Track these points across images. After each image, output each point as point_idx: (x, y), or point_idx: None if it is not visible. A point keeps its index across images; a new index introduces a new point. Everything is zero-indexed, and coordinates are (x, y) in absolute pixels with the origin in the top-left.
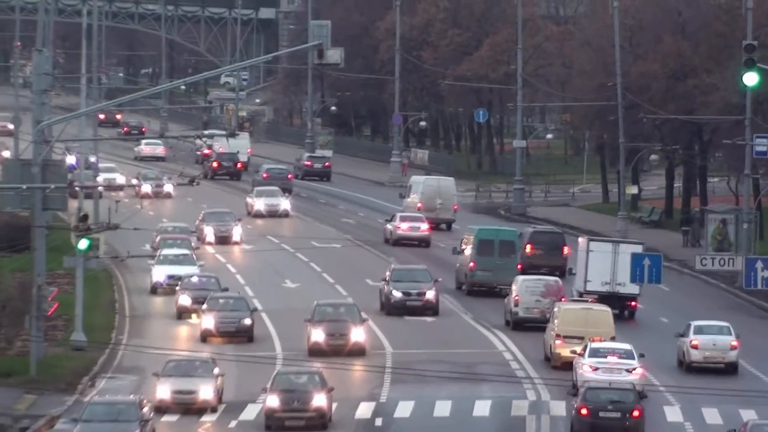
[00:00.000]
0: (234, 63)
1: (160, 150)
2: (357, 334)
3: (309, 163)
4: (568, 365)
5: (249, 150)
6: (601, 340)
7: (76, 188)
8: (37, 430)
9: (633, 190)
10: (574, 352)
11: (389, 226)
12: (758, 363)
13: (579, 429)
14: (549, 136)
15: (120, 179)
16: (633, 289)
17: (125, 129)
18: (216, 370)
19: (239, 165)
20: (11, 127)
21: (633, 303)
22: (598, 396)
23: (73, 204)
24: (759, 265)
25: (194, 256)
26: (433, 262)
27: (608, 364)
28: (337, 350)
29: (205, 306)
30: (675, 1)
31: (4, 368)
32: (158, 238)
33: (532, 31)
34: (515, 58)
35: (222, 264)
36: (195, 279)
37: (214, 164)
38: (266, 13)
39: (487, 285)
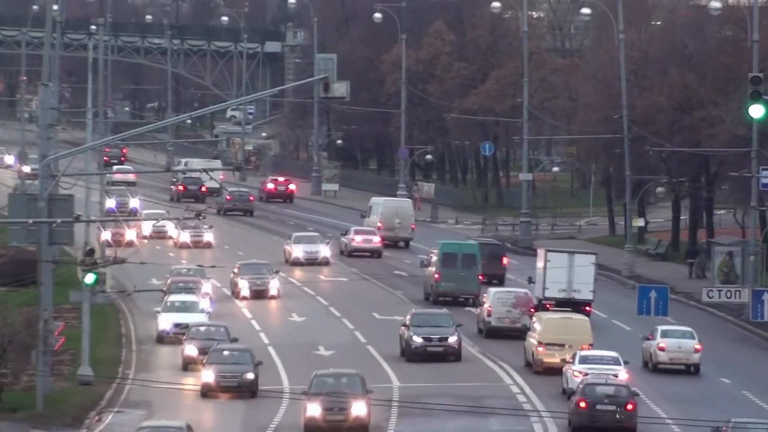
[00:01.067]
0: (240, 97)
1: (130, 175)
2: (358, 408)
3: (272, 186)
4: (549, 370)
5: (221, 176)
6: (589, 348)
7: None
8: None
9: (639, 222)
10: (563, 360)
11: (344, 239)
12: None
13: (577, 421)
14: (555, 168)
15: (171, 227)
16: (587, 295)
17: (105, 159)
18: None
19: (203, 189)
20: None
21: (588, 308)
22: (595, 390)
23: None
24: (766, 297)
25: (202, 306)
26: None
27: (596, 370)
28: (336, 427)
29: (206, 358)
30: (681, 33)
31: (10, 403)
32: (170, 280)
33: (538, 64)
34: (521, 91)
35: (228, 297)
36: (203, 328)
37: (180, 187)
38: (272, 46)
39: (452, 295)
